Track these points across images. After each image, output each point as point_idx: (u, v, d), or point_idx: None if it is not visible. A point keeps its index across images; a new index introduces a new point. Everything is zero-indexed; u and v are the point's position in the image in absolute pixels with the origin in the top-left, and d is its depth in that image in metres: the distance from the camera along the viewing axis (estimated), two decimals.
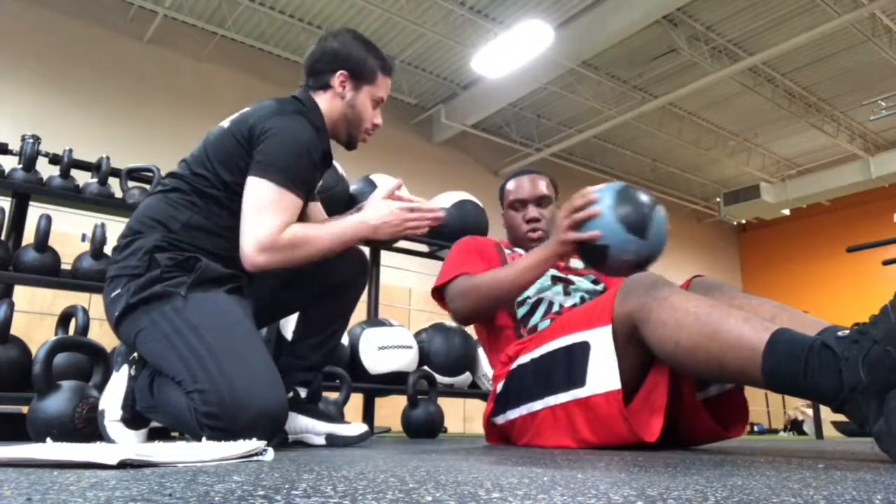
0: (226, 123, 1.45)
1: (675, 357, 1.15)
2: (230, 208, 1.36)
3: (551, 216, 1.85)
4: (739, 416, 1.44)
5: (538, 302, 1.68)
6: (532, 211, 1.81)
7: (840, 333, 0.93)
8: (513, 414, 1.50)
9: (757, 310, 1.22)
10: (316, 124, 1.45)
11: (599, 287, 1.76)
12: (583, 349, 1.31)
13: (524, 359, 1.48)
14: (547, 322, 1.62)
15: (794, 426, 7.79)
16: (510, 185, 1.88)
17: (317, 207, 1.70)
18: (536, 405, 1.42)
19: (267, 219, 1.31)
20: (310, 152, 1.38)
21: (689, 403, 1.38)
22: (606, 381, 1.26)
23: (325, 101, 1.51)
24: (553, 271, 1.72)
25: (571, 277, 1.75)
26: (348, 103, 1.51)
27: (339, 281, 1.57)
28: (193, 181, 1.39)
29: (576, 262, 1.80)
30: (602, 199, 1.41)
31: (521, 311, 1.69)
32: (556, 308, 1.66)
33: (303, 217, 1.63)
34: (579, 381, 1.31)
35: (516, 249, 1.84)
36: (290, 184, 1.33)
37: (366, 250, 2.08)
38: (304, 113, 1.44)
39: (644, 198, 1.43)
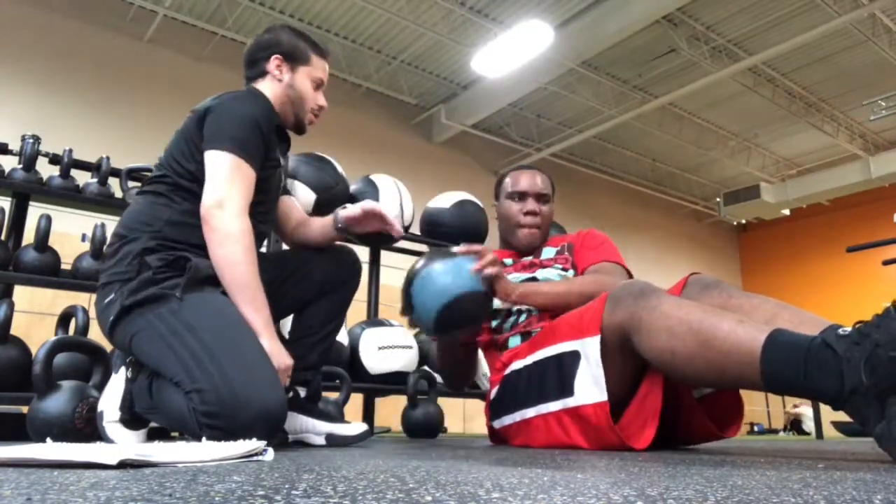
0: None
1: (674, 367, 1.14)
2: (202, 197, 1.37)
3: (550, 213, 1.84)
4: (734, 414, 1.43)
5: (508, 313, 1.67)
6: (532, 204, 1.79)
7: (841, 331, 0.92)
8: (508, 419, 1.51)
9: (757, 308, 1.20)
10: (262, 99, 1.49)
11: (569, 273, 1.72)
12: (573, 358, 1.30)
13: (517, 365, 1.49)
14: (517, 337, 1.62)
15: (794, 425, 7.79)
16: (510, 176, 1.86)
17: (290, 202, 1.71)
18: (529, 412, 1.42)
19: (225, 185, 1.32)
20: (257, 122, 1.40)
21: (687, 404, 1.38)
22: (594, 392, 1.25)
23: (266, 88, 1.55)
24: (517, 276, 1.71)
25: (536, 276, 1.71)
26: (287, 84, 1.55)
27: (331, 281, 1.58)
28: (167, 177, 1.42)
29: (546, 253, 1.79)
30: None
31: (494, 322, 1.69)
32: (522, 318, 1.65)
33: (274, 212, 1.63)
34: (568, 390, 1.31)
35: None
36: (241, 152, 1.35)
37: (360, 250, 2.09)
38: (249, 92, 1.50)
39: (413, 270, 1.45)
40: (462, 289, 1.37)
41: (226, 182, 1.32)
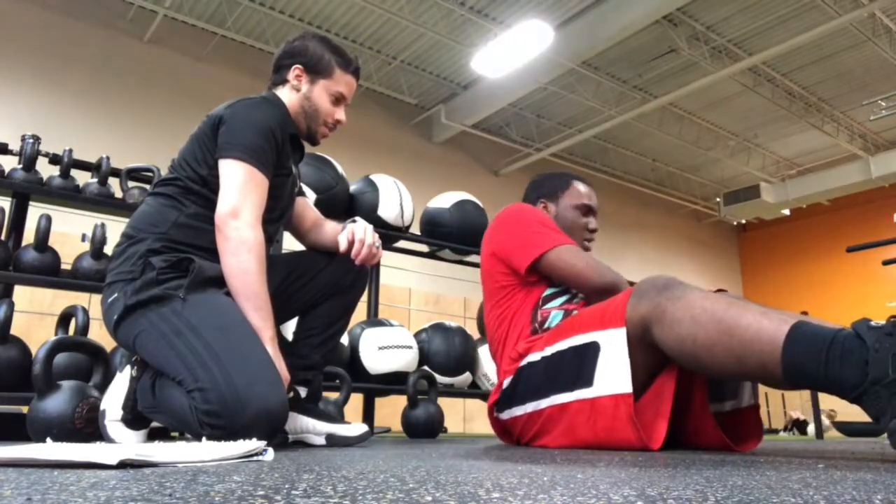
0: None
1: (694, 355, 1.13)
2: (213, 202, 1.38)
3: None
4: (752, 433, 1.42)
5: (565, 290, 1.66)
6: (594, 223, 1.87)
7: (873, 324, 0.92)
8: (518, 410, 1.50)
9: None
10: (278, 107, 1.50)
11: None
12: (592, 350, 1.30)
13: (534, 357, 1.48)
14: (560, 314, 1.61)
15: (797, 426, 7.78)
16: (582, 187, 1.89)
17: (305, 202, 1.71)
18: (543, 403, 1.42)
19: (240, 195, 1.34)
20: (271, 130, 1.41)
21: (699, 412, 1.37)
22: (616, 383, 1.25)
23: (284, 95, 1.56)
24: None
25: None
26: (304, 95, 1.56)
27: (338, 283, 1.58)
28: (179, 181, 1.43)
29: None
30: None
31: (548, 290, 1.65)
32: (577, 299, 1.64)
33: (286, 216, 1.64)
34: (587, 381, 1.30)
35: None
36: (255, 161, 1.37)
37: None
38: (265, 99, 1.51)
39: None
40: None
41: (240, 192, 1.34)
